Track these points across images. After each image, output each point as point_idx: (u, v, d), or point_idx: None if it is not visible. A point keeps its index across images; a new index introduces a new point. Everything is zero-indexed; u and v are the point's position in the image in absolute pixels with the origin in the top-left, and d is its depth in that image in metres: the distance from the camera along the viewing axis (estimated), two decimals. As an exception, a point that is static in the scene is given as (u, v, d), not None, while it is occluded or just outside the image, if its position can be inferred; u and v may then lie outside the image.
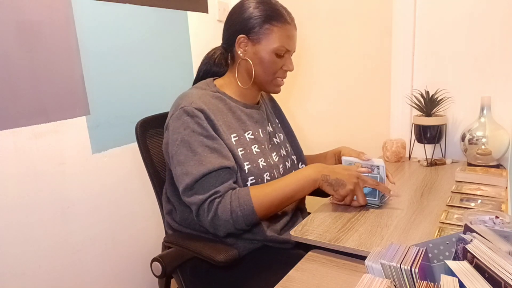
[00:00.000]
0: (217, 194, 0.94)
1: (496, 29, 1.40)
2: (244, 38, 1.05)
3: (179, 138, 0.97)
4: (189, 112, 0.98)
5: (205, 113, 0.99)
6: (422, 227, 0.94)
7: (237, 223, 0.94)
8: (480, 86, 1.46)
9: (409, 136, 1.59)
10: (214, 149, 0.97)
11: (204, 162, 0.95)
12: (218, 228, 0.95)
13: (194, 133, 0.97)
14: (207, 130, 0.98)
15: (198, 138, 0.96)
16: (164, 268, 0.99)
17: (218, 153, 0.97)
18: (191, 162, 0.95)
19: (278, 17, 1.03)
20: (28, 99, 1.15)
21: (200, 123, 0.97)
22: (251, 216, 0.95)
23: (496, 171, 1.26)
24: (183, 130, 0.97)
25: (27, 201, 1.17)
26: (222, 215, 0.93)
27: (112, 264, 1.46)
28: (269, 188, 0.98)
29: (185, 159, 0.96)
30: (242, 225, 0.96)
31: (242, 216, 0.94)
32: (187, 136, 0.97)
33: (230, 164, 0.97)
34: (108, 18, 1.35)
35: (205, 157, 0.95)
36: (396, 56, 1.60)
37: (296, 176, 1.00)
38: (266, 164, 1.06)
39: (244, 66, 1.08)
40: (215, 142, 0.98)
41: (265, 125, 1.15)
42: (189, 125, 0.97)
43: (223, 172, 0.96)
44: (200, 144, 0.96)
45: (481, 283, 0.54)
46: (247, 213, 0.94)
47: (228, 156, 0.98)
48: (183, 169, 0.96)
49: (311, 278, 0.80)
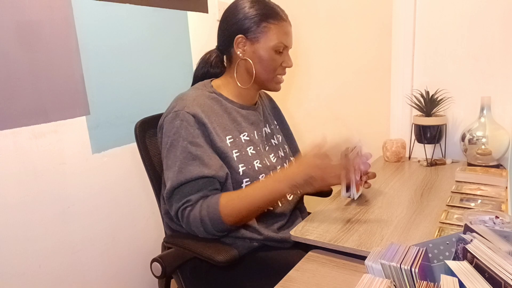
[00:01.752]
0: (189, 203, 0.96)
1: (496, 29, 1.40)
2: (242, 38, 1.05)
3: (169, 142, 0.99)
4: (180, 116, 0.99)
5: (198, 117, 0.99)
6: (422, 227, 0.94)
7: (207, 230, 0.96)
8: (480, 86, 1.46)
9: (409, 136, 1.59)
10: (196, 157, 0.96)
11: (184, 170, 0.95)
12: (194, 233, 0.98)
13: (180, 138, 0.98)
14: (193, 136, 0.98)
15: (183, 144, 0.97)
16: (164, 268, 0.99)
17: (199, 160, 0.96)
18: (173, 169, 0.97)
19: (274, 15, 1.04)
20: (28, 99, 1.15)
21: (189, 128, 0.98)
22: (220, 224, 0.95)
23: (496, 171, 1.26)
24: (173, 135, 0.99)
25: (27, 201, 1.17)
26: (193, 223, 0.95)
27: (112, 264, 1.46)
28: (237, 198, 0.96)
29: (171, 164, 0.98)
30: (213, 232, 0.96)
31: (211, 224, 0.94)
32: (175, 141, 0.98)
33: (210, 173, 0.96)
34: (108, 18, 1.35)
35: (186, 164, 0.96)
36: (396, 56, 1.60)
37: (263, 187, 0.97)
38: (262, 166, 1.06)
39: (244, 66, 1.09)
40: (199, 149, 0.97)
41: (261, 126, 1.15)
42: (178, 130, 0.98)
43: (201, 181, 0.96)
44: (183, 150, 0.97)
45: (481, 283, 0.54)
46: (216, 221, 0.94)
47: (210, 165, 0.97)
48: (167, 174, 0.98)
49: (311, 278, 0.80)
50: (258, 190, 0.97)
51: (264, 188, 0.97)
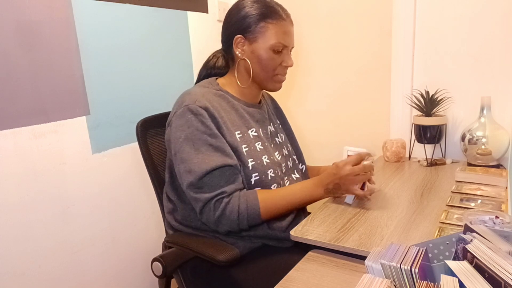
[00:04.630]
0: (224, 194, 0.97)
1: (496, 29, 1.40)
2: (241, 38, 1.06)
3: (183, 135, 0.99)
4: (193, 110, 0.99)
5: (209, 111, 1.00)
6: (422, 227, 0.94)
7: (242, 223, 0.99)
8: (480, 86, 1.46)
9: (409, 136, 1.59)
10: (217, 148, 0.99)
11: (207, 160, 0.97)
12: (222, 226, 0.99)
13: (198, 131, 0.98)
14: (210, 128, 0.99)
15: (202, 137, 0.98)
16: (165, 268, 0.99)
17: (221, 151, 0.99)
18: (194, 160, 0.97)
19: (272, 14, 1.04)
20: (28, 99, 1.15)
21: (204, 121, 0.99)
22: (256, 219, 1.00)
23: (496, 171, 1.26)
24: (187, 128, 0.98)
25: (27, 201, 1.17)
26: (230, 215, 0.97)
27: (112, 264, 1.46)
28: (278, 197, 1.02)
29: (188, 156, 0.98)
30: (245, 226, 1.00)
31: (247, 218, 0.98)
32: (191, 135, 0.98)
33: (233, 162, 0.99)
34: (108, 18, 1.35)
35: (208, 155, 0.97)
36: (396, 56, 1.60)
37: (302, 188, 1.04)
38: (270, 161, 1.07)
39: (243, 66, 1.09)
40: (218, 140, 0.99)
41: (266, 124, 1.16)
42: (193, 123, 0.98)
43: (227, 171, 0.98)
44: (204, 143, 0.98)
45: (481, 283, 0.54)
46: (253, 216, 0.99)
47: (230, 155, 1.00)
48: (187, 166, 0.98)
49: (311, 278, 0.80)
50: (299, 192, 1.03)
51: (306, 190, 1.04)
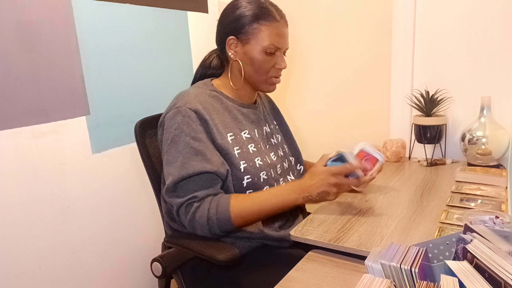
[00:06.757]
0: (195, 199, 0.96)
1: (496, 29, 1.40)
2: (234, 40, 1.05)
3: (170, 137, 0.99)
4: (183, 112, 0.99)
5: (199, 114, 0.99)
6: (422, 227, 0.94)
7: (212, 228, 0.96)
8: (480, 86, 1.46)
9: (409, 136, 1.59)
10: (198, 152, 0.97)
11: (186, 165, 0.96)
12: (195, 230, 0.98)
13: (183, 133, 0.98)
14: (196, 131, 0.98)
15: (185, 139, 0.97)
16: (165, 268, 0.99)
17: (201, 155, 0.97)
18: (175, 164, 0.97)
19: (266, 16, 1.02)
20: (28, 99, 1.15)
21: (191, 123, 0.98)
22: (227, 224, 0.96)
23: (496, 171, 1.26)
24: (174, 130, 0.98)
25: (27, 201, 1.17)
26: (199, 220, 0.95)
27: (112, 264, 1.46)
28: (249, 201, 0.98)
29: (172, 159, 0.98)
30: (217, 231, 0.97)
31: (217, 223, 0.95)
32: (177, 137, 0.98)
33: (212, 168, 0.96)
34: (108, 18, 1.35)
35: (188, 159, 0.96)
36: (396, 56, 1.60)
37: (277, 195, 0.99)
38: (263, 163, 1.07)
39: (236, 67, 1.08)
40: (201, 144, 0.98)
41: (261, 125, 1.15)
42: (180, 125, 0.98)
43: (204, 177, 0.96)
44: (186, 145, 0.97)
45: (481, 283, 0.54)
46: (223, 221, 0.95)
47: (212, 160, 0.97)
48: (168, 169, 0.98)
49: (311, 278, 0.80)
50: (272, 197, 0.98)
51: (279, 196, 0.98)
